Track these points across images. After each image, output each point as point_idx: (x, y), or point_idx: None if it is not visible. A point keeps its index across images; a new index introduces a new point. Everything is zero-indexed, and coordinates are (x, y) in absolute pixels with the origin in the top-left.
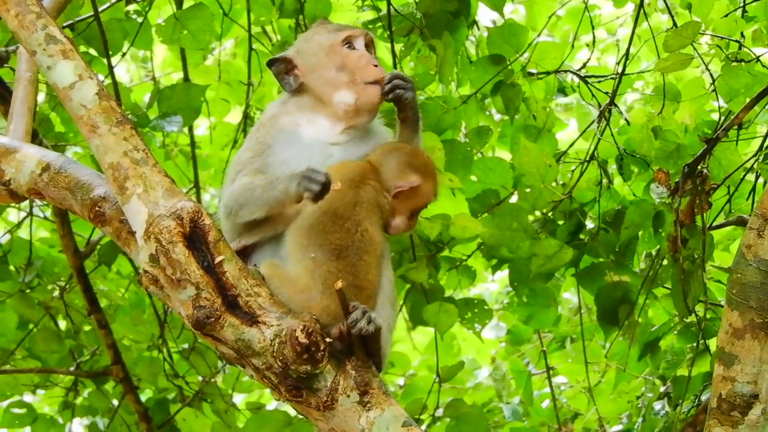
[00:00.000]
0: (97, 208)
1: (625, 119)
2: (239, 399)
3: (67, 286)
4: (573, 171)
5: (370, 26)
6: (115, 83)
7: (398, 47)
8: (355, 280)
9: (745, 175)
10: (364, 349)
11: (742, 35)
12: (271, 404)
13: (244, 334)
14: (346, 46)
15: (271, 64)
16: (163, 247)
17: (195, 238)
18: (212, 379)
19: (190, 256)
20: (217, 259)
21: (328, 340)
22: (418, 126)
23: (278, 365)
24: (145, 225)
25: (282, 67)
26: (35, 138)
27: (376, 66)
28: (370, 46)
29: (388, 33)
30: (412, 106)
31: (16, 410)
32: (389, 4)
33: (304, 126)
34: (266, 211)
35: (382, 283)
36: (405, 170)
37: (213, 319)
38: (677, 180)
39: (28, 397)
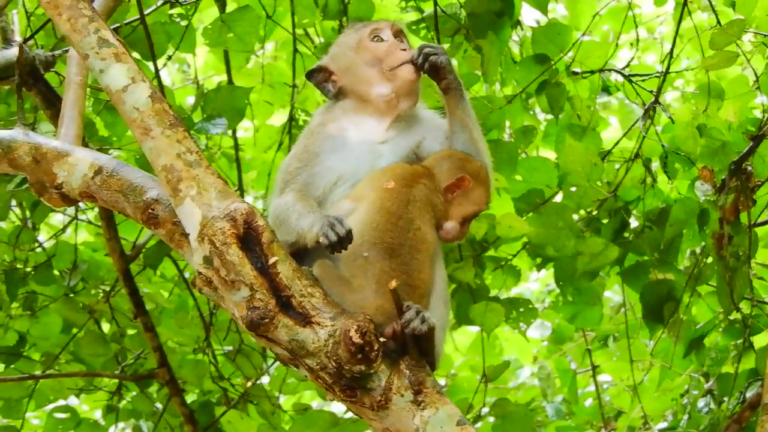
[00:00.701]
0: (150, 211)
1: (670, 117)
2: (285, 399)
3: (113, 290)
4: (617, 169)
5: (414, 27)
6: (161, 86)
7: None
8: (408, 279)
9: None
10: (418, 349)
11: None
12: (315, 404)
13: (298, 334)
14: (374, 39)
15: (309, 76)
16: (217, 249)
17: (249, 239)
18: (258, 381)
19: (244, 258)
20: (271, 260)
21: (381, 339)
22: (461, 91)
23: (332, 365)
24: (199, 227)
25: (320, 76)
26: (82, 143)
27: (404, 50)
28: (399, 35)
29: (433, 33)
30: (449, 70)
31: (60, 415)
32: (435, 4)
33: (351, 129)
34: (295, 238)
35: (434, 282)
36: (456, 172)
37: (267, 320)
38: (722, 177)
39: (71, 401)
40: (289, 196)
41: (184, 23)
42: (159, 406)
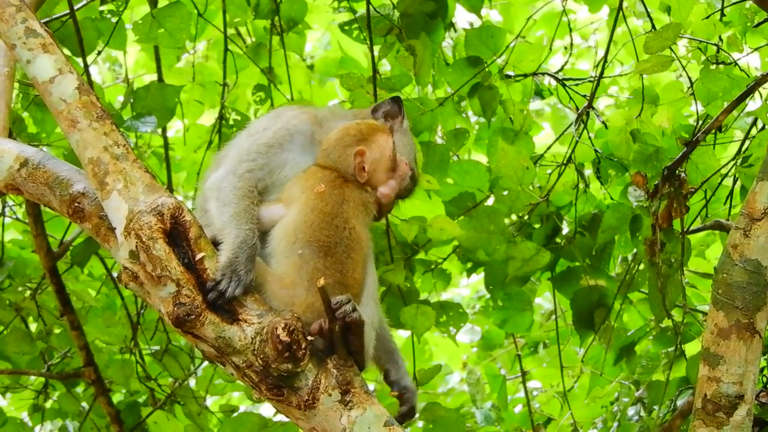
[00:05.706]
0: (76, 204)
1: (603, 122)
2: (212, 401)
3: (39, 288)
4: (550, 174)
5: (347, 27)
6: (90, 83)
7: (376, 48)
8: (342, 278)
9: (722, 180)
10: (346, 347)
11: (720, 39)
12: (244, 407)
13: (224, 331)
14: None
15: (395, 99)
16: (144, 244)
17: (176, 234)
18: (185, 382)
19: (171, 253)
20: (198, 256)
21: (309, 338)
22: None
23: (259, 363)
24: (126, 221)
25: (393, 111)
26: (9, 137)
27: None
28: None
29: (365, 33)
30: None
31: None
32: (368, 4)
33: (312, 136)
34: (212, 228)
35: (366, 281)
36: (347, 151)
37: (193, 317)
38: (655, 183)
39: None
40: (241, 188)
41: (114, 20)
42: (85, 405)
